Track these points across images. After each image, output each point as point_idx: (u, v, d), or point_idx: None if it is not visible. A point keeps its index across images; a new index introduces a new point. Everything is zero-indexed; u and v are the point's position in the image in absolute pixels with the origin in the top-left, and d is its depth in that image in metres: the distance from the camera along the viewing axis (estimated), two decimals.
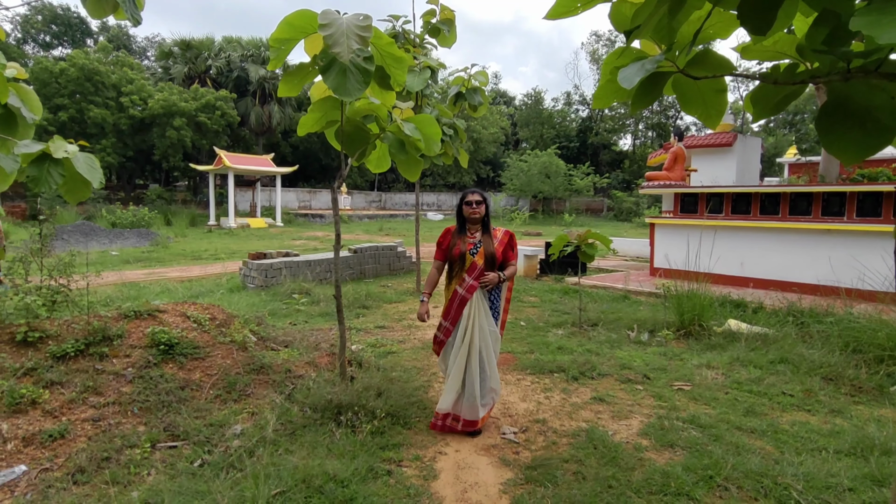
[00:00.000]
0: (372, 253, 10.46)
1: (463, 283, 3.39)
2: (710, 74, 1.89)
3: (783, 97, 1.94)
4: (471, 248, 3.45)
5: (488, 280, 3.36)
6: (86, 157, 2.98)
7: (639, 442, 3.42)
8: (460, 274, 3.43)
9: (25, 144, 2.91)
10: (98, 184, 2.88)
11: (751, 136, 10.72)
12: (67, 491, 2.67)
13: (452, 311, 3.42)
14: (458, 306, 3.40)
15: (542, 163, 32.94)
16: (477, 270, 3.39)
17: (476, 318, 3.36)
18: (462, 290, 3.39)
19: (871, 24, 1.08)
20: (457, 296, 3.40)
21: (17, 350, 3.44)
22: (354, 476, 2.82)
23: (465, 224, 3.54)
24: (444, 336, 3.49)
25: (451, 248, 3.47)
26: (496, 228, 3.60)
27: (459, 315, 3.40)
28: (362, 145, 3.84)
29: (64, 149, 2.94)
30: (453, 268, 3.47)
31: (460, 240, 3.48)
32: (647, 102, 1.90)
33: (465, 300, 3.38)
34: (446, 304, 3.47)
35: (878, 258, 6.64)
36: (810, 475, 2.95)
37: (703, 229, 9.01)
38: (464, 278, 3.40)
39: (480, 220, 3.51)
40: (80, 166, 2.93)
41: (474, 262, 3.40)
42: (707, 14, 1.64)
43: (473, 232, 3.53)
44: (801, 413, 3.93)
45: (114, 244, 15.71)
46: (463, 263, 3.43)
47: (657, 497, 2.78)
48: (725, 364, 4.96)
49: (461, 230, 3.54)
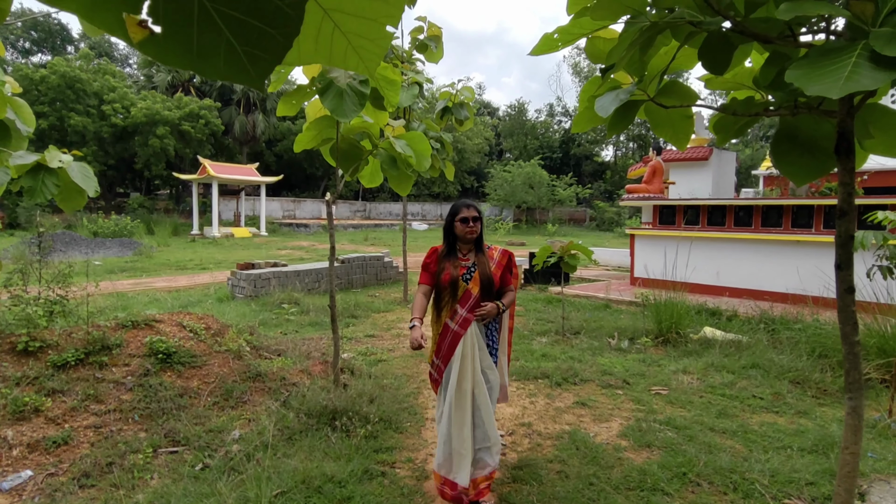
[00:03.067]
0: (359, 263, 10.60)
1: (455, 316, 2.84)
2: (678, 104, 2.13)
3: (743, 124, 2.19)
4: (464, 272, 2.89)
5: (485, 312, 2.81)
6: (80, 166, 3.09)
7: (618, 443, 3.63)
8: (452, 304, 2.86)
9: (20, 155, 3.02)
10: (93, 192, 3.01)
11: (726, 150, 11.15)
12: (74, 495, 2.77)
13: (444, 348, 2.88)
14: (451, 344, 2.85)
15: (526, 173, 33.43)
16: (472, 300, 2.84)
17: (470, 357, 2.84)
18: (454, 325, 2.84)
19: (802, 77, 1.31)
20: (448, 331, 2.85)
21: (18, 359, 3.53)
22: (351, 477, 2.98)
23: (455, 243, 2.98)
24: (439, 375, 2.92)
25: (440, 272, 2.91)
26: (492, 247, 3.08)
27: (452, 353, 2.85)
28: (356, 161, 4.03)
29: (59, 158, 3.06)
30: (442, 296, 2.91)
31: (450, 263, 2.91)
32: (622, 128, 2.13)
33: (459, 336, 2.83)
34: (437, 340, 2.93)
35: None
36: (775, 471, 3.18)
37: (681, 240, 9.35)
38: (456, 310, 2.84)
39: (475, 239, 2.96)
40: (75, 175, 3.05)
41: (468, 291, 2.85)
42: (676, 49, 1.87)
43: (466, 252, 2.96)
44: (770, 414, 4.18)
45: (96, 254, 15.56)
46: (454, 292, 2.86)
47: (634, 493, 2.98)
48: (701, 369, 5.21)
49: (451, 251, 2.97)
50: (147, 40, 0.38)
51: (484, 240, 3.04)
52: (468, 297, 2.86)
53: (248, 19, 0.37)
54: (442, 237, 3.07)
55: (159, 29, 0.37)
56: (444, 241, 3.03)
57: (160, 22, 0.37)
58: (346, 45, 0.48)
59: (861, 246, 4.01)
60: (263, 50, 0.39)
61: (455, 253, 2.96)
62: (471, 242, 2.96)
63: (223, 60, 0.38)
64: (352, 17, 0.46)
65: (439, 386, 2.94)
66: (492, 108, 48.27)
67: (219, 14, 0.36)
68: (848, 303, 1.89)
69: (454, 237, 2.97)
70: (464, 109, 8.05)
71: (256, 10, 0.37)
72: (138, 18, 0.37)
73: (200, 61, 0.39)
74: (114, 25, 0.37)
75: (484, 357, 2.91)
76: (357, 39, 0.47)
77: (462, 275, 2.89)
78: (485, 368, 2.90)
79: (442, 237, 3.07)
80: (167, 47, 0.38)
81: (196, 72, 0.42)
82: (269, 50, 0.39)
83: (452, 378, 2.82)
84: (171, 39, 0.37)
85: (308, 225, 28.98)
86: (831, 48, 1.39)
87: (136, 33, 0.37)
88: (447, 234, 3.00)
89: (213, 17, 0.36)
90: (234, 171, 24.66)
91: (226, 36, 0.38)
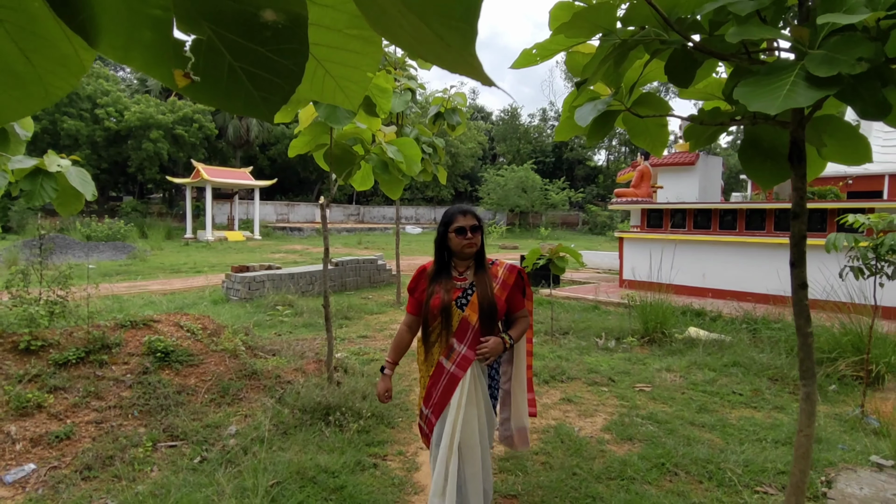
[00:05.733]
0: (353, 266, 10.73)
1: (451, 354, 2.26)
2: (652, 114, 2.30)
3: (712, 132, 2.36)
4: (458, 295, 2.29)
5: (487, 350, 2.21)
6: (78, 170, 3.21)
7: (601, 436, 3.78)
8: (445, 338, 2.27)
9: (19, 160, 3.13)
10: (91, 196, 3.13)
11: (712, 155, 11.38)
12: (76, 486, 2.89)
13: (436, 394, 2.27)
14: (446, 390, 2.25)
15: (519, 177, 33.67)
16: (470, 332, 2.25)
17: (473, 405, 2.24)
18: (450, 365, 2.25)
19: (746, 94, 1.47)
20: (443, 373, 2.26)
21: (21, 358, 3.64)
22: (344, 468, 3.11)
23: (449, 260, 2.37)
24: (429, 429, 2.34)
25: (430, 297, 2.31)
26: (495, 262, 2.46)
27: (446, 401, 2.25)
28: (349, 166, 4.17)
29: (57, 163, 3.18)
30: (431, 328, 2.31)
31: (441, 285, 2.31)
32: (601, 136, 2.29)
33: (456, 380, 2.24)
34: (427, 384, 2.32)
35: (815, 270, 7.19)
36: (750, 461, 3.34)
37: (668, 243, 9.54)
38: (452, 345, 2.25)
39: (475, 254, 2.35)
40: (73, 179, 3.16)
41: (465, 320, 2.25)
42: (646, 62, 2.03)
43: (463, 271, 2.36)
44: (748, 409, 4.35)
45: (90, 257, 15.58)
46: (448, 321, 2.26)
47: (615, 482, 3.13)
48: (684, 367, 5.38)
49: (442, 269, 2.36)
50: (188, 86, 0.52)
51: (486, 253, 2.43)
52: (465, 328, 2.25)
53: (264, 73, 0.52)
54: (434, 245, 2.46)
55: (198, 79, 0.52)
56: (435, 257, 2.40)
57: (199, 75, 0.51)
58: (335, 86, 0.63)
59: (833, 247, 4.20)
60: (273, 94, 0.53)
61: (448, 272, 2.35)
62: (470, 258, 2.35)
63: (243, 102, 0.53)
64: (339, 65, 0.61)
65: (430, 441, 2.35)
66: (485, 113, 48.58)
67: (242, 70, 0.51)
68: (801, 297, 2.06)
69: (448, 252, 2.35)
70: (456, 115, 8.24)
71: (270, 68, 0.51)
72: (183, 72, 0.51)
73: (226, 101, 0.53)
74: (165, 76, 0.52)
75: (484, 403, 2.29)
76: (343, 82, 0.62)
77: (456, 299, 2.28)
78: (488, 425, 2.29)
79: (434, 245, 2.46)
80: (203, 91, 0.52)
81: (222, 108, 0.56)
82: (277, 94, 0.53)
83: (446, 436, 2.18)
84: (206, 86, 0.52)
85: (302, 229, 29.06)
86: (776, 67, 1.55)
87: (181, 82, 0.51)
88: (439, 248, 2.36)
89: (237, 72, 0.51)
90: (227, 174, 24.71)
91: (246, 85, 0.52)
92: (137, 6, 0.47)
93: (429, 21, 0.40)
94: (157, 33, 0.49)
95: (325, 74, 0.61)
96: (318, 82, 0.62)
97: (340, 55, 0.59)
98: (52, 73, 0.50)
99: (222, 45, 0.49)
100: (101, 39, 0.49)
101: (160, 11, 0.48)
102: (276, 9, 0.48)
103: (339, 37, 0.57)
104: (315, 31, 0.59)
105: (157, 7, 0.47)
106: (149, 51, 0.50)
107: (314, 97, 0.65)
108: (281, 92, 0.53)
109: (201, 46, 0.50)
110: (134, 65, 0.52)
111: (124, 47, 0.50)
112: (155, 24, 0.48)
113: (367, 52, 0.59)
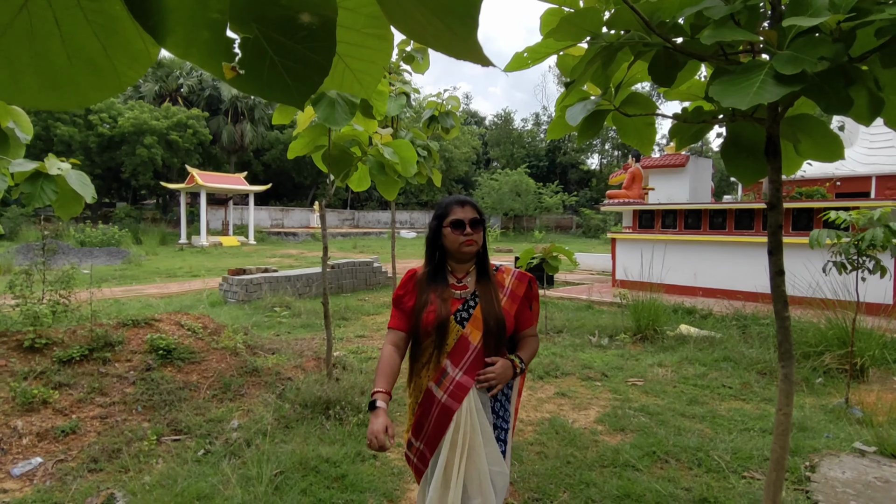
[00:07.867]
0: (349, 268, 10.82)
1: (443, 379, 1.84)
2: (640, 113, 2.42)
3: (696, 130, 2.49)
4: (458, 308, 1.89)
5: (494, 377, 1.81)
6: (77, 173, 3.30)
7: (595, 427, 3.89)
8: (438, 359, 1.86)
9: (19, 163, 3.22)
10: (91, 199, 3.21)
11: (702, 157, 11.57)
12: (83, 478, 2.96)
13: (428, 427, 1.86)
14: (438, 420, 1.83)
15: (513, 181, 33.89)
16: (470, 353, 1.84)
17: (469, 446, 1.80)
18: (441, 394, 1.83)
19: (720, 92, 1.59)
20: (434, 402, 1.84)
21: (26, 355, 3.71)
22: (345, 458, 3.20)
23: (444, 262, 1.96)
24: (421, 463, 1.91)
25: (421, 309, 1.88)
26: (501, 268, 2.04)
27: (441, 434, 1.82)
28: (347, 167, 4.28)
29: (57, 166, 3.26)
30: (422, 346, 1.90)
31: (436, 293, 1.89)
32: (591, 135, 2.41)
33: (450, 413, 1.81)
34: (416, 413, 1.91)
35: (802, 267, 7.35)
36: (738, 449, 3.46)
37: (659, 243, 9.70)
38: (444, 368, 1.84)
39: (475, 256, 1.95)
40: (73, 182, 3.25)
41: (464, 338, 1.85)
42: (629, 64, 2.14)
43: (462, 277, 1.95)
44: (738, 401, 4.48)
45: (84, 263, 15.55)
46: (443, 339, 1.85)
47: (608, 469, 3.24)
48: (675, 363, 5.50)
49: (437, 274, 1.94)
50: (235, 78, 0.63)
51: (489, 257, 2.02)
52: (464, 347, 1.84)
53: (299, 67, 0.63)
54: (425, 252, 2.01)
55: (243, 72, 0.63)
56: (426, 259, 1.98)
57: (244, 68, 0.62)
58: (353, 77, 0.74)
59: (817, 243, 4.34)
60: (305, 84, 0.64)
61: (445, 277, 1.93)
62: (470, 260, 1.95)
63: (280, 91, 0.64)
64: (357, 60, 0.72)
65: (422, 476, 1.93)
66: (479, 118, 48.87)
67: (281, 64, 0.62)
68: (779, 283, 2.18)
69: (442, 252, 1.94)
70: (450, 118, 8.36)
71: (304, 62, 0.62)
72: (231, 65, 0.62)
73: (266, 90, 0.64)
74: (216, 70, 0.63)
75: (487, 440, 1.82)
76: (360, 74, 0.73)
77: (455, 312, 1.87)
78: (490, 465, 1.81)
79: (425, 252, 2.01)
80: (247, 82, 0.63)
81: (261, 96, 0.67)
82: (308, 84, 0.64)
83: (440, 470, 1.80)
84: (250, 78, 0.62)
85: (296, 234, 29.10)
86: (748, 67, 1.68)
87: (229, 74, 0.62)
88: (432, 247, 1.97)
89: (277, 66, 0.62)
90: (222, 180, 24.74)
91: (283, 77, 0.63)
92: (200, 10, 0.58)
93: (441, 15, 0.52)
94: (213, 33, 0.60)
95: (344, 68, 0.72)
96: (338, 74, 0.73)
97: (358, 51, 0.70)
98: (125, 65, 0.61)
99: (266, 42, 0.61)
100: (167, 38, 0.60)
101: (218, 15, 0.59)
102: (311, 12, 0.59)
103: (358, 35, 0.68)
104: (338, 31, 0.70)
105: (215, 11, 0.58)
106: (206, 48, 0.61)
107: (334, 87, 0.76)
108: (312, 82, 0.64)
109: (248, 44, 0.61)
110: (192, 60, 0.63)
111: (185, 45, 0.61)
112: (212, 25, 0.59)
113: (381, 48, 0.70)
